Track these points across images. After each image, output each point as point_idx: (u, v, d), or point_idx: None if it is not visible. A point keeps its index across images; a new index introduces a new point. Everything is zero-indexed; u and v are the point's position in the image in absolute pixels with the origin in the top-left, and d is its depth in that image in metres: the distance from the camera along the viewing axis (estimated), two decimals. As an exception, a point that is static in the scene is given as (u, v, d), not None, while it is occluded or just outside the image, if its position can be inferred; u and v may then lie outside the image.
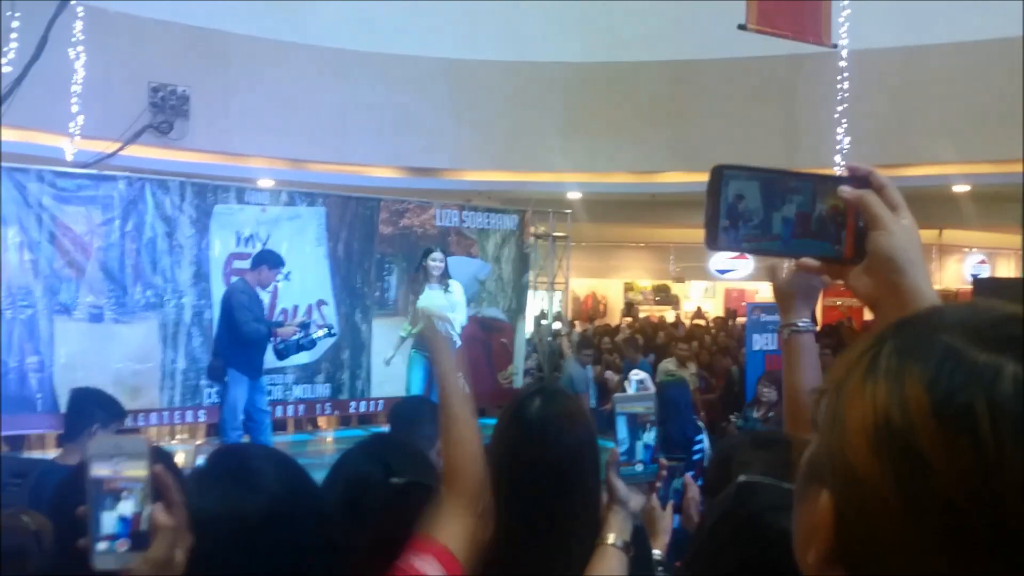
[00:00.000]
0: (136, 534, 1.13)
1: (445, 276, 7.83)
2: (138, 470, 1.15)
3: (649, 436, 1.72)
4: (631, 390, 5.83)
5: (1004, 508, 0.50)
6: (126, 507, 1.14)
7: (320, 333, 7.66)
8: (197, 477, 1.30)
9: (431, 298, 7.60)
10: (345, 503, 1.56)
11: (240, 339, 6.95)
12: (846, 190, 0.93)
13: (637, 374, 6.66)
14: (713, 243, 0.95)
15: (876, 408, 0.55)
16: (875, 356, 0.57)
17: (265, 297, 7.70)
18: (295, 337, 7.24)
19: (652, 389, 5.57)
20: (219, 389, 7.24)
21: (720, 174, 0.94)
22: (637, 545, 1.70)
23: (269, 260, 7.29)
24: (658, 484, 1.77)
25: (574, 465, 1.72)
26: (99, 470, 1.15)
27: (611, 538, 1.64)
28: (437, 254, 7.80)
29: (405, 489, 1.50)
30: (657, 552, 1.91)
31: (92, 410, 3.63)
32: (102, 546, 1.13)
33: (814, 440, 0.62)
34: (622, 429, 1.71)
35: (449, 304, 7.69)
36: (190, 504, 1.16)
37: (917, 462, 0.52)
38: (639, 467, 1.71)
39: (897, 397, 0.54)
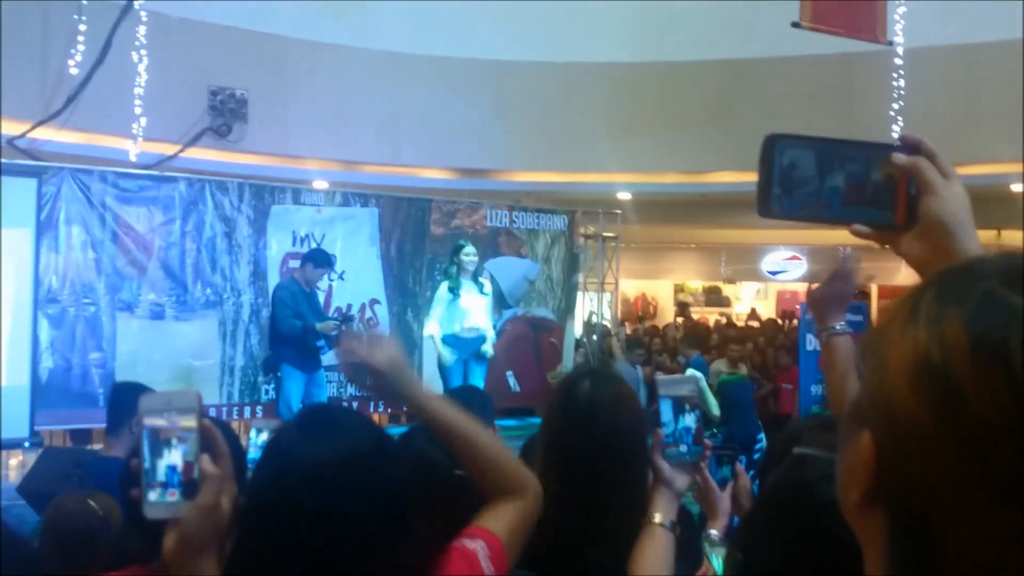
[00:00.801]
0: (186, 483, 1.18)
1: (479, 272, 7.87)
2: (188, 422, 1.19)
3: (691, 418, 1.75)
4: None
5: None
6: (176, 457, 1.18)
7: (363, 326, 7.83)
8: (286, 429, 1.33)
9: (467, 297, 7.68)
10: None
11: (279, 334, 7.27)
12: (899, 157, 0.94)
13: (694, 373, 6.68)
14: (766, 210, 0.96)
15: (917, 349, 0.57)
16: (916, 303, 0.60)
17: (319, 295, 7.86)
18: (335, 333, 7.32)
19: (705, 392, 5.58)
20: (275, 384, 7.49)
21: (772, 143, 0.96)
22: (683, 525, 1.74)
23: (314, 259, 7.53)
24: (702, 465, 1.81)
25: (623, 446, 1.75)
26: (151, 422, 1.20)
27: (657, 517, 1.67)
28: (470, 248, 7.85)
29: (469, 481, 1.52)
30: (714, 532, 1.94)
31: (132, 403, 3.68)
32: (153, 495, 1.18)
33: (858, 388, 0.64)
34: (666, 412, 1.75)
35: (483, 304, 7.80)
36: (280, 456, 1.21)
37: (955, 396, 0.54)
38: (683, 448, 1.74)
39: (937, 337, 0.56)
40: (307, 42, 10.51)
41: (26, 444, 7.07)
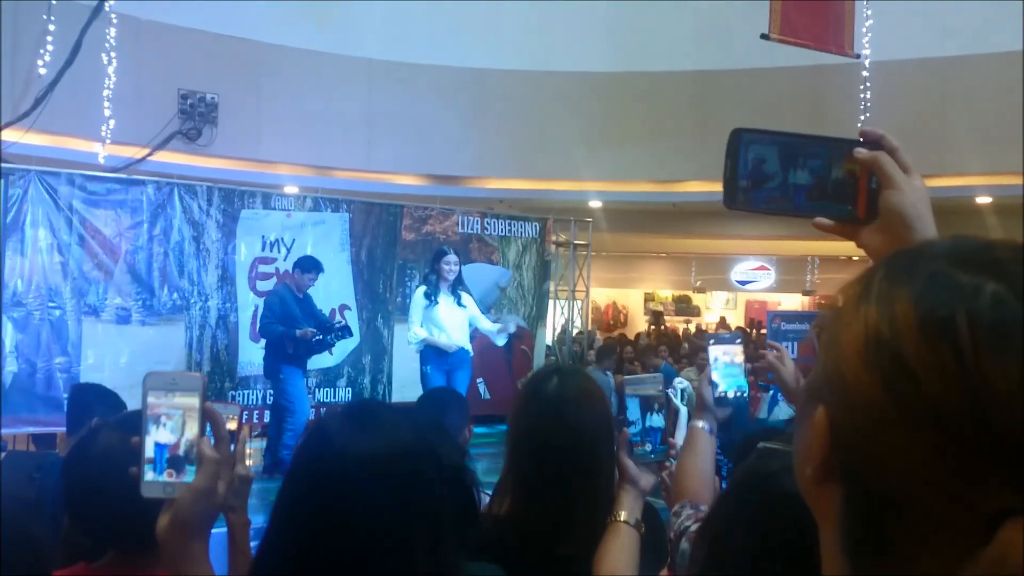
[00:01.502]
0: (182, 464, 1.18)
1: (459, 283, 7.42)
2: (191, 403, 1.20)
3: (658, 418, 1.76)
4: (676, 399, 5.89)
5: (984, 410, 0.53)
6: (176, 437, 1.19)
7: (339, 329, 7.78)
8: (330, 419, 1.31)
9: (445, 309, 7.30)
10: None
11: (265, 339, 7.45)
12: (861, 152, 0.97)
13: (681, 382, 6.76)
14: (732, 203, 0.98)
15: (867, 326, 0.59)
16: (868, 283, 0.62)
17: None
18: (314, 339, 7.35)
19: (693, 397, 5.63)
20: (273, 385, 7.59)
21: (739, 137, 0.99)
22: (648, 523, 1.75)
23: (301, 264, 7.60)
24: (668, 464, 1.82)
25: (590, 443, 1.76)
26: (154, 401, 1.21)
27: (623, 515, 1.68)
28: (452, 256, 7.39)
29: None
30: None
31: (92, 403, 3.63)
32: (150, 475, 1.18)
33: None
34: (633, 411, 1.76)
35: (463, 318, 7.41)
36: (331, 445, 1.20)
37: (904, 371, 0.56)
38: (648, 447, 1.75)
39: (887, 315, 0.58)
40: (279, 47, 10.48)
41: (-12, 448, 6.96)
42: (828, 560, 0.63)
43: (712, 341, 2.03)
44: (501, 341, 8.04)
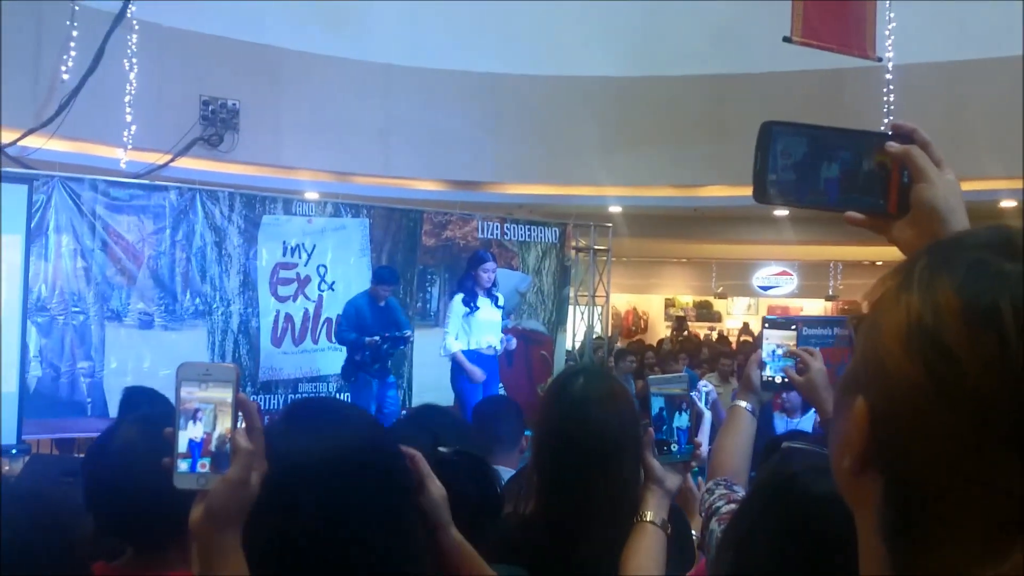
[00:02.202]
0: (216, 455, 1.17)
1: (495, 285, 7.35)
2: (225, 394, 1.19)
3: (683, 418, 1.75)
4: (701, 402, 5.87)
5: None
6: (210, 429, 1.18)
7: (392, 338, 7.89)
8: (281, 421, 1.33)
9: (484, 313, 7.25)
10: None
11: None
12: (893, 145, 0.96)
13: (706, 385, 6.74)
14: (762, 196, 0.98)
15: (909, 314, 0.59)
16: (909, 272, 0.61)
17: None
18: (384, 346, 7.65)
19: (716, 401, 5.65)
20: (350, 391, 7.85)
21: (769, 130, 0.98)
22: (674, 524, 1.74)
23: (376, 276, 7.93)
24: (693, 465, 1.81)
25: (615, 443, 1.75)
26: (188, 392, 1.20)
27: (649, 515, 1.67)
28: (491, 264, 7.29)
29: (451, 458, 1.53)
30: (695, 533, 1.95)
31: (143, 407, 3.68)
32: (183, 466, 1.17)
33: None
34: (658, 411, 1.75)
35: (497, 318, 7.41)
36: (275, 447, 1.21)
37: (947, 359, 0.56)
38: (674, 448, 1.74)
39: (929, 303, 0.58)
40: (300, 53, 10.53)
41: (13, 451, 7.01)
42: (866, 550, 0.63)
43: (767, 324, 2.03)
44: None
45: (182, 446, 1.17)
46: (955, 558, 0.56)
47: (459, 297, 7.28)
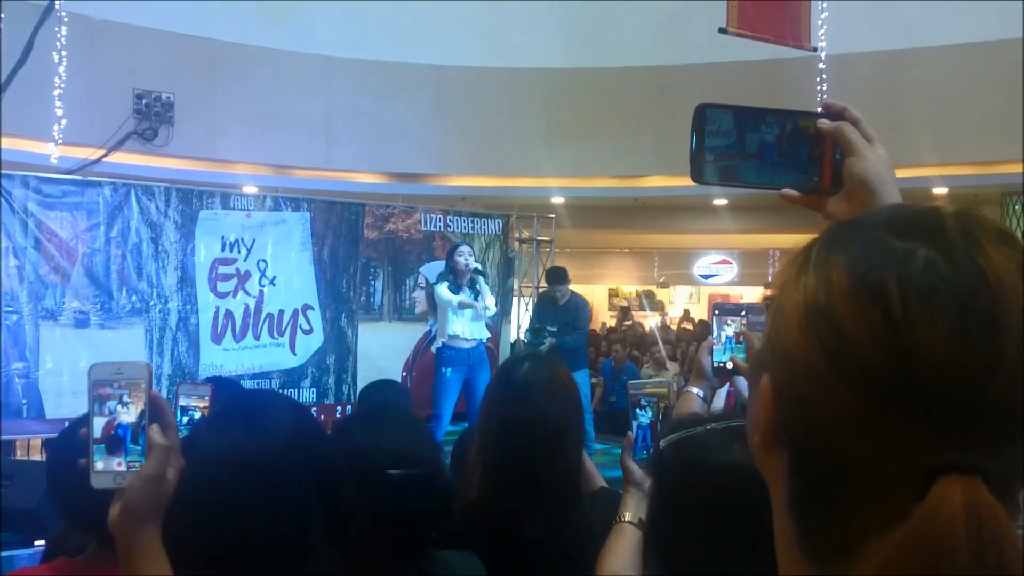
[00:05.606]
0: (127, 448, 1.18)
1: (477, 272, 7.37)
2: (137, 392, 1.19)
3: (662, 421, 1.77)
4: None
5: (914, 370, 0.55)
6: (124, 427, 1.18)
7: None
8: (213, 416, 1.33)
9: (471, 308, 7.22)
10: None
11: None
12: (824, 123, 0.99)
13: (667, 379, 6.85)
14: (699, 177, 0.99)
15: (806, 294, 0.61)
16: (808, 254, 0.63)
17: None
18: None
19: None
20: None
21: (703, 112, 0.99)
22: None
23: (548, 276, 8.24)
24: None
25: (559, 428, 1.76)
26: (100, 391, 1.20)
27: (627, 515, 1.69)
28: (465, 247, 7.35)
29: (400, 480, 1.51)
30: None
31: None
32: (100, 465, 1.18)
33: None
34: (637, 414, 1.77)
35: (483, 312, 7.37)
36: (203, 441, 1.20)
37: (838, 335, 0.58)
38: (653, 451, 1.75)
39: (823, 282, 0.60)
40: (236, 45, 10.37)
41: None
42: (778, 522, 0.65)
43: (716, 312, 2.04)
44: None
45: (96, 445, 1.18)
46: (859, 524, 0.58)
47: (444, 286, 7.34)
